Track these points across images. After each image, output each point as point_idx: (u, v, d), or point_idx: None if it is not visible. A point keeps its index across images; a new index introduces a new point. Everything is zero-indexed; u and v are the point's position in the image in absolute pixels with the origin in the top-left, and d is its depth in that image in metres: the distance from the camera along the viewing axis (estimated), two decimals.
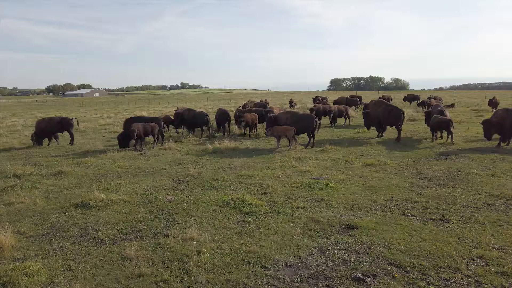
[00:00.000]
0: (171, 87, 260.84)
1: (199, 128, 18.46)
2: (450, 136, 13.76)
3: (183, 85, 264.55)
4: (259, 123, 18.31)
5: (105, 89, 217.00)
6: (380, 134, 16.08)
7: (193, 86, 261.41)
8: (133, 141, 14.81)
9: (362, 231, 6.10)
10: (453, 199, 7.54)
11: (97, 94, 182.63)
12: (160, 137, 15.66)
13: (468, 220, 6.47)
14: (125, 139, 14.73)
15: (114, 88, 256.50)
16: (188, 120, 18.23)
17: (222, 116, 18.41)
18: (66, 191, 9.08)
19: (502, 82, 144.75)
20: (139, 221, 6.92)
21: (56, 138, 17.06)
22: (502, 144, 12.76)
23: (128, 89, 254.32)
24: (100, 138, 19.15)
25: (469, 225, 6.26)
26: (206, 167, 11.17)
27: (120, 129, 18.10)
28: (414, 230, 6.08)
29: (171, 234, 6.16)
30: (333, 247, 5.63)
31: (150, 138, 15.53)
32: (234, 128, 18.66)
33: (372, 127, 16.57)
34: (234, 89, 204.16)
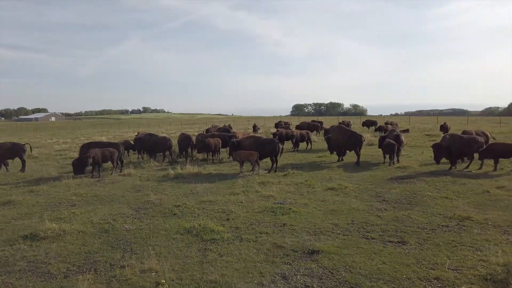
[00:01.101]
0: (133, 112, 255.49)
1: (161, 154, 18.09)
2: (396, 157, 14.99)
3: (145, 110, 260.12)
4: (222, 147, 18.25)
5: (62, 113, 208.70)
6: (340, 158, 16.49)
7: (155, 111, 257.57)
8: (90, 167, 14.22)
9: (324, 256, 6.12)
10: (410, 221, 7.77)
11: (53, 119, 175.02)
12: (119, 162, 15.16)
13: (425, 241, 6.67)
14: (81, 165, 14.10)
15: (72, 112, 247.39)
16: (150, 145, 17.85)
17: (185, 141, 18.20)
18: (15, 222, 8.47)
19: (452, 109, 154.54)
20: (94, 252, 6.55)
21: (6, 165, 16.04)
22: (452, 167, 13.48)
23: (87, 113, 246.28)
24: (55, 164, 18.25)
25: (426, 246, 6.45)
26: (167, 194, 10.88)
27: (77, 155, 17.36)
28: (374, 253, 6.18)
29: (128, 265, 5.85)
30: (296, 273, 5.58)
31: (109, 164, 15.01)
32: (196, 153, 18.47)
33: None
34: (198, 114, 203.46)
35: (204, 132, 23.63)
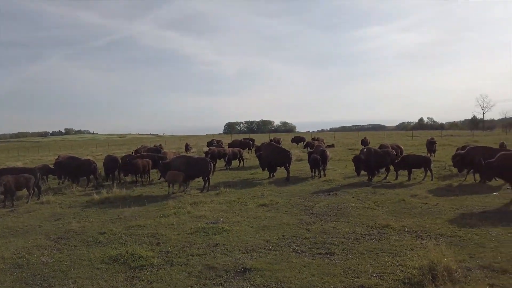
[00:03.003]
0: (54, 134, 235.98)
1: (85, 178, 16.96)
2: (323, 171, 16.10)
3: (68, 131, 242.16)
4: (153, 168, 17.67)
5: None
6: (271, 175, 16.88)
7: (79, 132, 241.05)
8: (1, 197, 12.83)
9: (256, 273, 6.15)
10: (336, 233, 8.16)
11: None
12: (36, 189, 13.90)
13: (350, 251, 7.03)
14: None
15: None
16: (72, 169, 16.66)
17: (111, 163, 17.32)
18: None
19: (371, 124, 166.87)
20: None
21: None
22: (372, 178, 14.54)
23: None
24: None
25: (351, 256, 6.80)
26: (91, 220, 10.19)
27: None
28: (304, 266, 6.36)
29: None
30: None
31: (25, 191, 13.70)
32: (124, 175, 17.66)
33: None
34: (127, 134, 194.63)
35: (133, 153, 22.74)
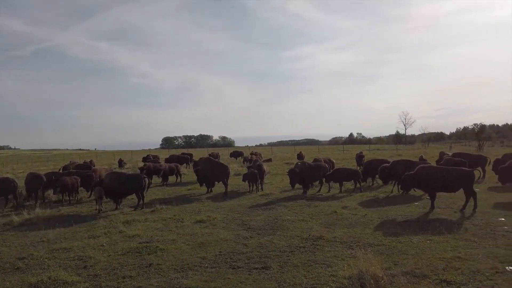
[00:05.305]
0: None
1: (3, 198, 15.40)
2: (260, 186, 16.49)
3: None
4: (82, 186, 16.59)
5: None
6: (209, 190, 16.74)
7: None
8: None
9: None
10: (273, 246, 8.27)
11: None
12: None
13: (285, 264, 7.15)
14: None
15: None
16: None
17: (34, 181, 15.94)
18: None
19: (306, 139, 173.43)
20: None
21: None
22: (306, 191, 15.07)
23: None
24: None
25: (286, 269, 6.92)
26: (9, 245, 9.26)
27: None
28: (240, 282, 6.34)
29: None
30: None
31: None
32: (51, 194, 16.36)
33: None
34: (54, 150, 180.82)
35: (61, 170, 21.23)
